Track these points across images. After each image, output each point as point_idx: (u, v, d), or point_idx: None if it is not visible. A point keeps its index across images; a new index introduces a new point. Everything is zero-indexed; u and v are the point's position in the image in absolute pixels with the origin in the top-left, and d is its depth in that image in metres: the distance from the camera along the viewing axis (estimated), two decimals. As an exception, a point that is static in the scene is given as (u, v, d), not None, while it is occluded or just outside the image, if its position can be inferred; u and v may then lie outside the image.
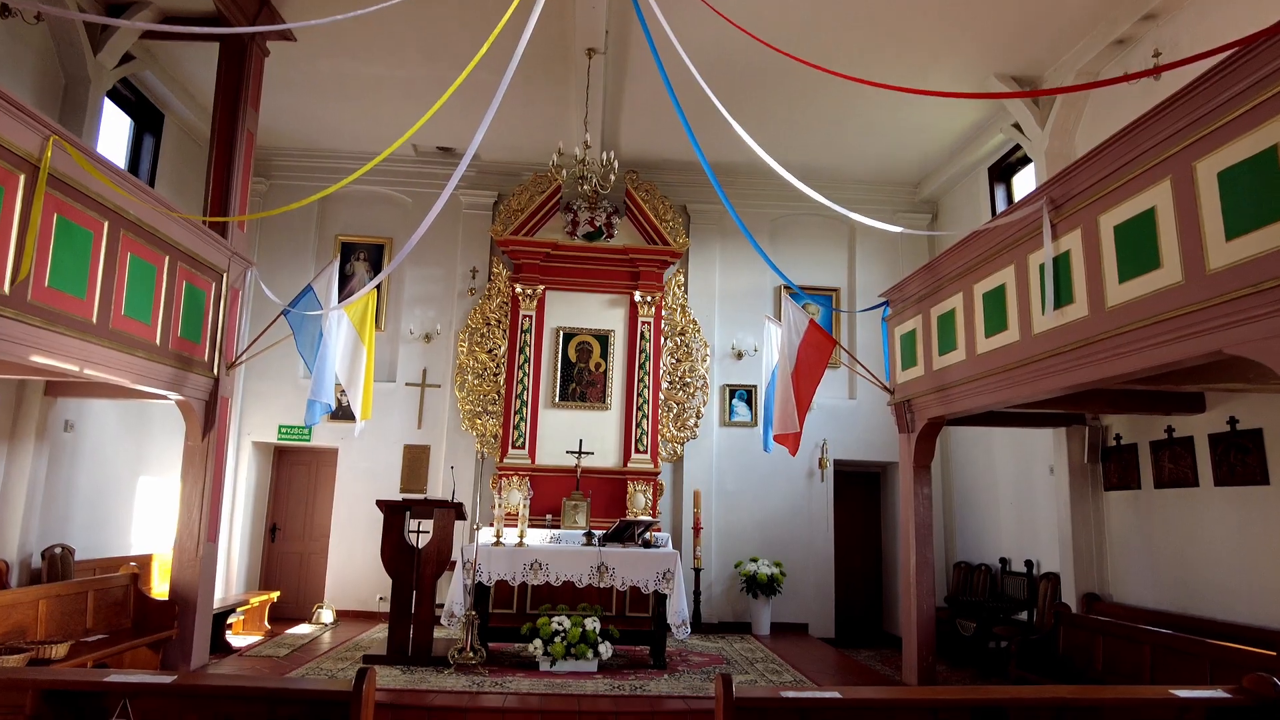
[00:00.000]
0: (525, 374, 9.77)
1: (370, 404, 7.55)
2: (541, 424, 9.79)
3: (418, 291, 10.37)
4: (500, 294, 10.15)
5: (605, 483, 9.63)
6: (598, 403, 9.90)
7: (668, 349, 10.20)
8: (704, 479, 10.01)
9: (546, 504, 9.46)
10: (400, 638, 6.96)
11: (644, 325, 10.02)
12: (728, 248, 10.74)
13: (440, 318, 10.27)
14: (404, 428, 10.07)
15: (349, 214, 10.64)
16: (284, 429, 10.01)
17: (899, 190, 11.07)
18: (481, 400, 9.89)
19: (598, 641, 6.80)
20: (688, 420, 10.06)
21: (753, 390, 10.35)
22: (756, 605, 9.51)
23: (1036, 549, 8.41)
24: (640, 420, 9.75)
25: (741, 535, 10.00)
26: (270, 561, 10.37)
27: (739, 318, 10.56)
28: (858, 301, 10.76)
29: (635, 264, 10.08)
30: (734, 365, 10.43)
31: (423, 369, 10.16)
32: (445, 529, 7.20)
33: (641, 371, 9.88)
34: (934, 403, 6.77)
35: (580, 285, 10.13)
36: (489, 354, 10.01)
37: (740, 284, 10.67)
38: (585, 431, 9.70)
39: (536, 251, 9.96)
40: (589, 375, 9.98)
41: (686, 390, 10.12)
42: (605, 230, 10.17)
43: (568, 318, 10.10)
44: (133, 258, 5.60)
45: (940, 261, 6.66)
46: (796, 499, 10.20)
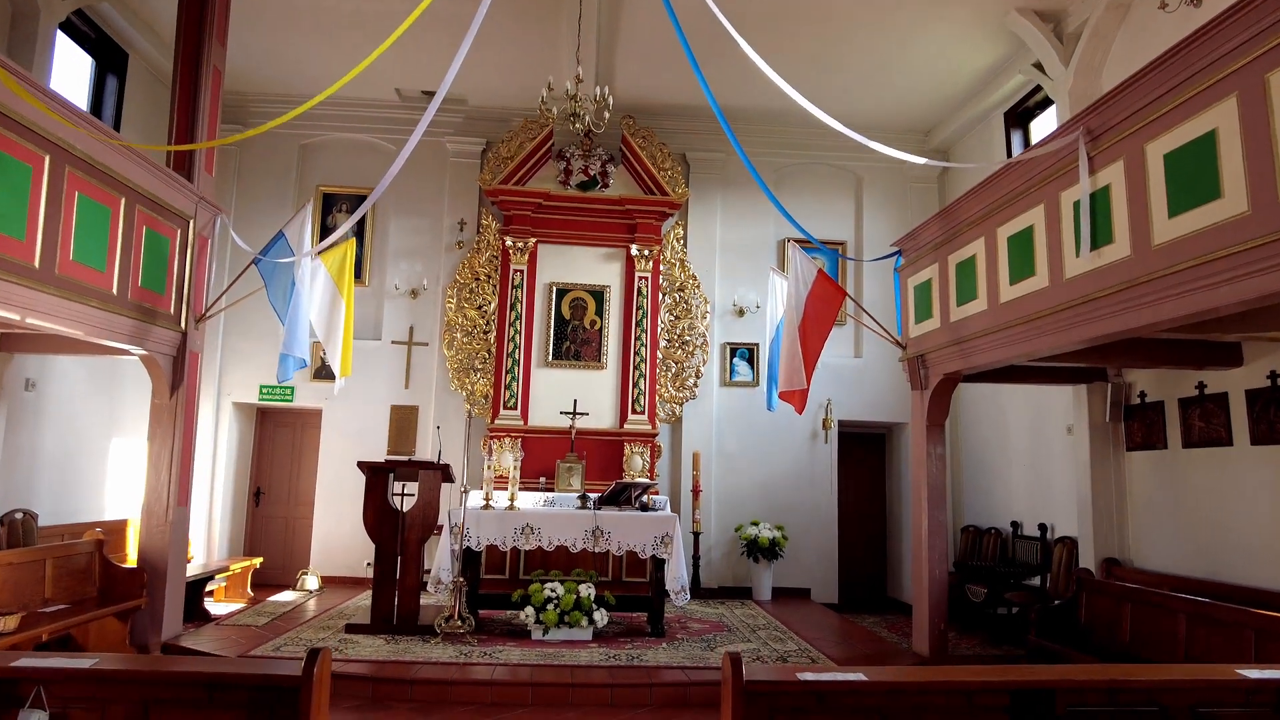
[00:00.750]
0: (517, 331, 9.33)
1: (350, 361, 7.11)
2: (534, 384, 9.37)
3: (403, 244, 9.87)
4: (490, 247, 9.66)
5: (601, 445, 9.24)
6: (593, 362, 9.47)
7: (666, 305, 9.74)
8: (704, 440, 9.63)
9: (540, 466, 9.08)
10: (385, 606, 6.62)
11: (641, 280, 9.55)
12: (729, 198, 10.23)
13: (427, 272, 9.79)
14: (390, 387, 9.65)
15: (330, 163, 10.09)
16: (265, 389, 9.59)
17: (908, 138, 10.51)
18: (471, 359, 9.46)
19: (592, 609, 6.46)
20: (687, 380, 9.65)
21: (754, 349, 9.92)
22: (757, 570, 9.19)
23: (1051, 512, 8.06)
24: (637, 380, 9.34)
25: (742, 498, 9.65)
26: (254, 526, 10.03)
27: (741, 272, 10.09)
28: (865, 251, 10.28)
29: (632, 215, 9.58)
30: (735, 322, 9.99)
31: (409, 326, 9.71)
32: (431, 492, 6.81)
33: (639, 329, 9.44)
34: (950, 357, 6.35)
35: (574, 238, 9.64)
36: (479, 310, 9.55)
37: (742, 237, 10.18)
38: (580, 391, 9.29)
39: (527, 202, 9.45)
40: (584, 333, 9.54)
41: (685, 349, 9.69)
42: (600, 179, 9.65)
43: (561, 272, 9.63)
44: (82, 198, 5.11)
45: (959, 205, 6.19)
46: (799, 461, 9.84)
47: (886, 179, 10.55)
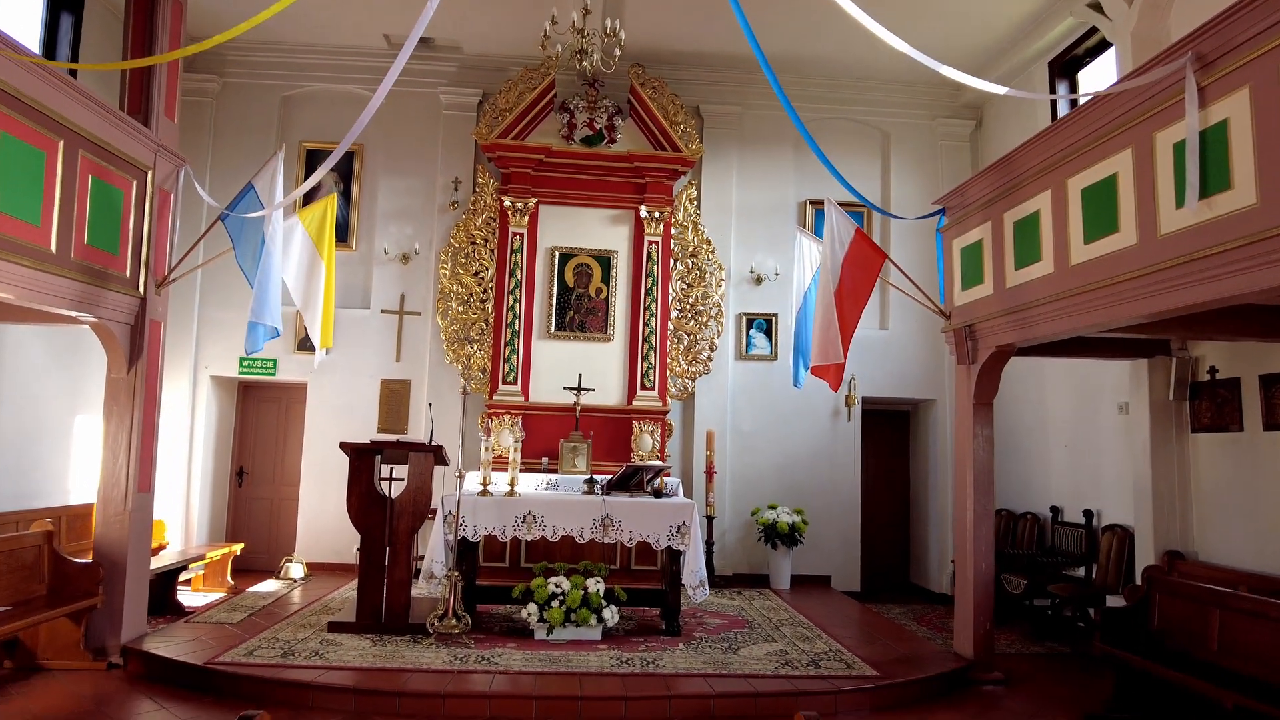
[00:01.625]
0: (516, 300, 8.61)
1: (331, 331, 6.41)
2: (536, 357, 8.67)
3: (393, 205, 9.11)
4: (487, 208, 8.90)
5: (608, 423, 8.57)
6: (599, 333, 8.76)
7: (678, 273, 9.01)
8: (718, 418, 8.95)
9: (542, 446, 8.42)
10: (372, 602, 5.98)
11: (651, 245, 8.81)
12: (747, 156, 9.45)
13: (419, 235, 9.04)
14: (381, 360, 8.94)
15: (315, 118, 9.30)
16: (245, 362, 8.88)
17: (937, 93, 9.71)
18: (467, 329, 8.75)
19: (601, 606, 5.82)
20: (700, 353, 8.95)
21: (773, 319, 9.21)
22: (776, 557, 8.57)
23: (1098, 497, 7.41)
24: (647, 353, 8.64)
25: (759, 480, 9.00)
26: (237, 509, 9.39)
27: (758, 237, 9.34)
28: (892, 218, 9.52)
29: (641, 173, 8.81)
30: (752, 291, 9.26)
31: (400, 294, 8.98)
32: (423, 476, 6.15)
33: (648, 298, 8.72)
34: (1005, 327, 5.65)
35: (578, 198, 8.88)
36: (475, 277, 8.82)
37: (760, 198, 9.42)
38: (585, 365, 8.60)
39: (528, 158, 8.67)
40: (589, 302, 8.82)
41: (699, 319, 8.98)
42: (606, 134, 8.87)
43: (564, 236, 8.88)
44: (5, 136, 4.37)
45: (1019, 155, 5.44)
46: (820, 440, 9.17)
47: (916, 136, 9.77)
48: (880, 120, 9.76)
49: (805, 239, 6.89)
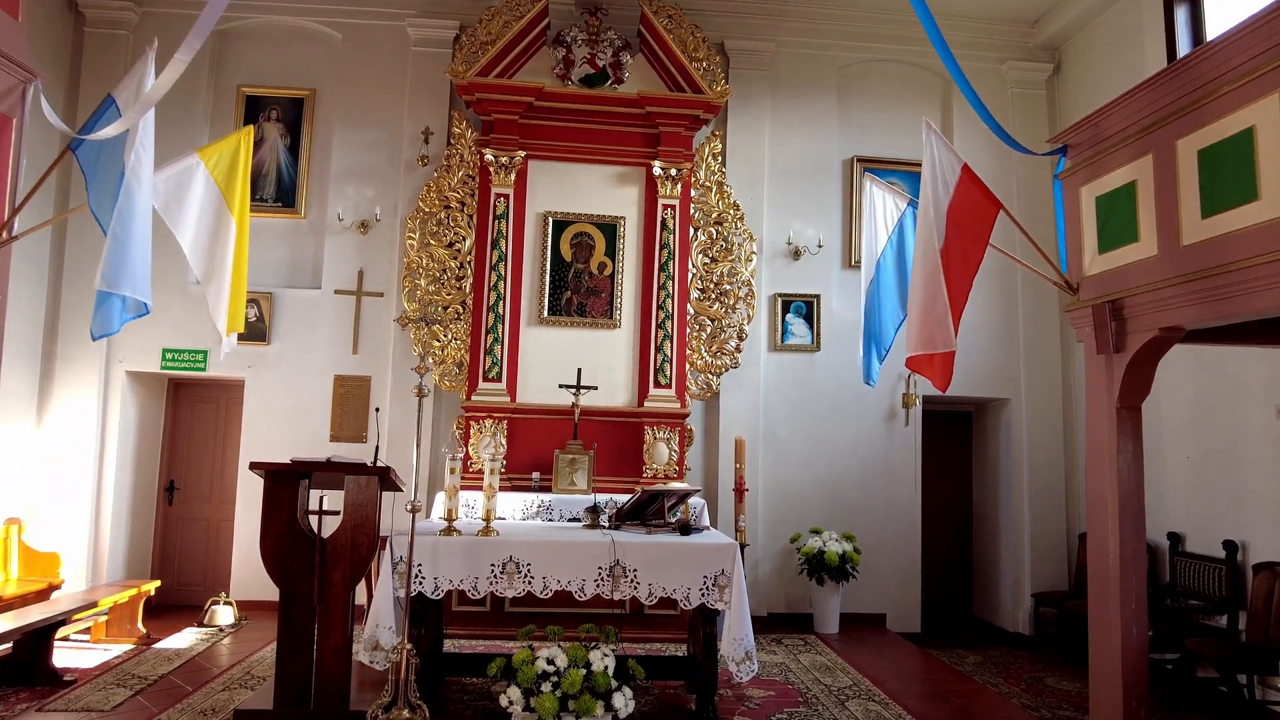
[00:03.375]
0: (500, 277, 6.96)
1: (242, 311, 4.77)
2: (524, 347, 7.03)
3: (350, 162, 7.44)
4: (464, 164, 7.24)
5: (614, 428, 6.94)
6: (602, 318, 7.12)
7: (699, 244, 7.36)
8: (748, 423, 7.31)
9: (532, 457, 6.78)
10: (294, 680, 4.36)
11: (666, 210, 7.16)
12: (782, 105, 7.80)
13: (382, 198, 7.37)
14: (334, 352, 7.29)
15: (256, 57, 7.63)
16: (169, 354, 7.23)
17: (1007, 30, 8.08)
18: (437, 314, 7.10)
19: (611, 689, 4.19)
20: (726, 343, 7.30)
21: (813, 302, 7.56)
22: (821, 594, 6.94)
23: (1243, 525, 5.79)
24: (662, 343, 7.00)
25: (798, 497, 7.38)
26: (166, 531, 7.74)
27: (795, 202, 7.70)
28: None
29: (654, 121, 7.16)
30: (789, 267, 7.61)
31: (358, 270, 7.32)
32: (365, 507, 4.51)
33: (663, 275, 7.07)
34: (1179, 300, 4.00)
35: (577, 152, 7.22)
36: (449, 249, 7.17)
37: (798, 155, 7.77)
38: (586, 358, 6.96)
39: (514, 101, 7.01)
40: (590, 280, 7.17)
41: (724, 301, 7.33)
42: (611, 73, 7.21)
43: (560, 199, 7.23)
44: None
45: (1205, 59, 3.80)
46: (872, 448, 7.54)
47: (982, 82, 8.09)
48: (939, 64, 8.08)
49: (877, 189, 5.25)
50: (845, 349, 7.56)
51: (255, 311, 7.22)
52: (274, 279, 7.39)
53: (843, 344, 7.55)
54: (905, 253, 5.08)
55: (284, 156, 7.53)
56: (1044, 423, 7.68)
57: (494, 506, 4.56)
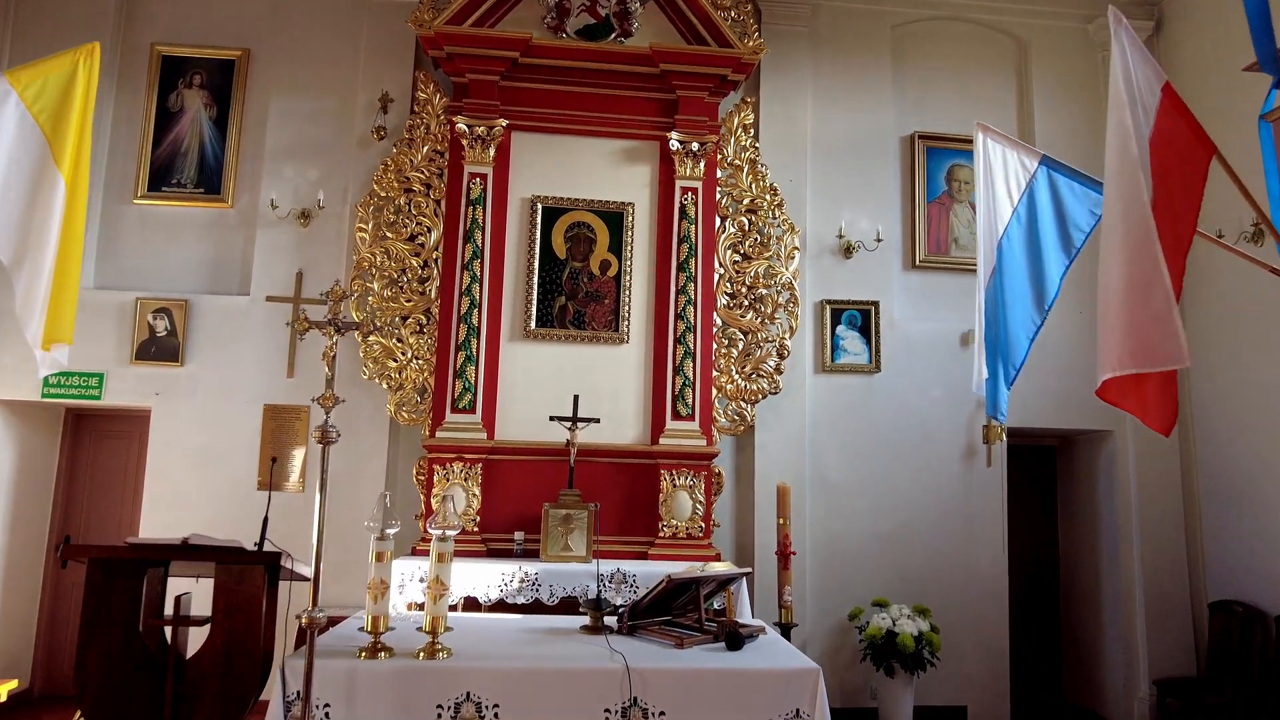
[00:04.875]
0: (475, 279, 5.43)
1: (72, 312, 3.25)
2: (506, 369, 5.49)
3: (290, 137, 5.94)
4: (431, 138, 5.74)
5: (621, 473, 5.38)
6: (605, 331, 5.59)
7: (728, 237, 5.85)
8: (791, 464, 5.75)
9: (514, 512, 5.22)
10: None
11: (686, 195, 5.66)
12: (825, 70, 6.33)
13: (328, 181, 5.86)
14: (265, 375, 5.74)
15: (177, 9, 6.15)
16: (53, 378, 5.67)
17: (1099, -16, 6.65)
18: (396, 326, 5.56)
19: None
20: (763, 362, 5.75)
21: (870, 310, 6.03)
22: (891, 687, 5.34)
23: None
24: (681, 362, 5.46)
25: (855, 560, 5.80)
26: (54, 600, 6.13)
27: (846, 186, 6.20)
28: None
29: (671, 83, 5.68)
30: (839, 267, 6.09)
31: (297, 271, 5.79)
32: (244, 611, 2.94)
33: (683, 276, 5.55)
34: None
35: (573, 121, 5.73)
36: (410, 244, 5.65)
37: (847, 129, 6.29)
38: (585, 381, 5.43)
39: (494, 57, 5.53)
40: (590, 283, 5.65)
41: (760, 309, 5.80)
42: (617, 23, 5.74)
43: (551, 181, 5.72)
44: None
45: None
46: (946, 496, 5.98)
47: (1065, 46, 6.67)
48: (1013, 23, 6.66)
49: (994, 142, 3.78)
50: (910, 369, 6.04)
51: (165, 324, 5.69)
52: (191, 283, 5.87)
53: (907, 362, 6.03)
54: (1040, 230, 3.58)
55: (208, 131, 6.04)
56: (1158, 462, 6.13)
57: (443, 612, 2.97)
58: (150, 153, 5.96)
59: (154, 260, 5.87)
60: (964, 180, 6.40)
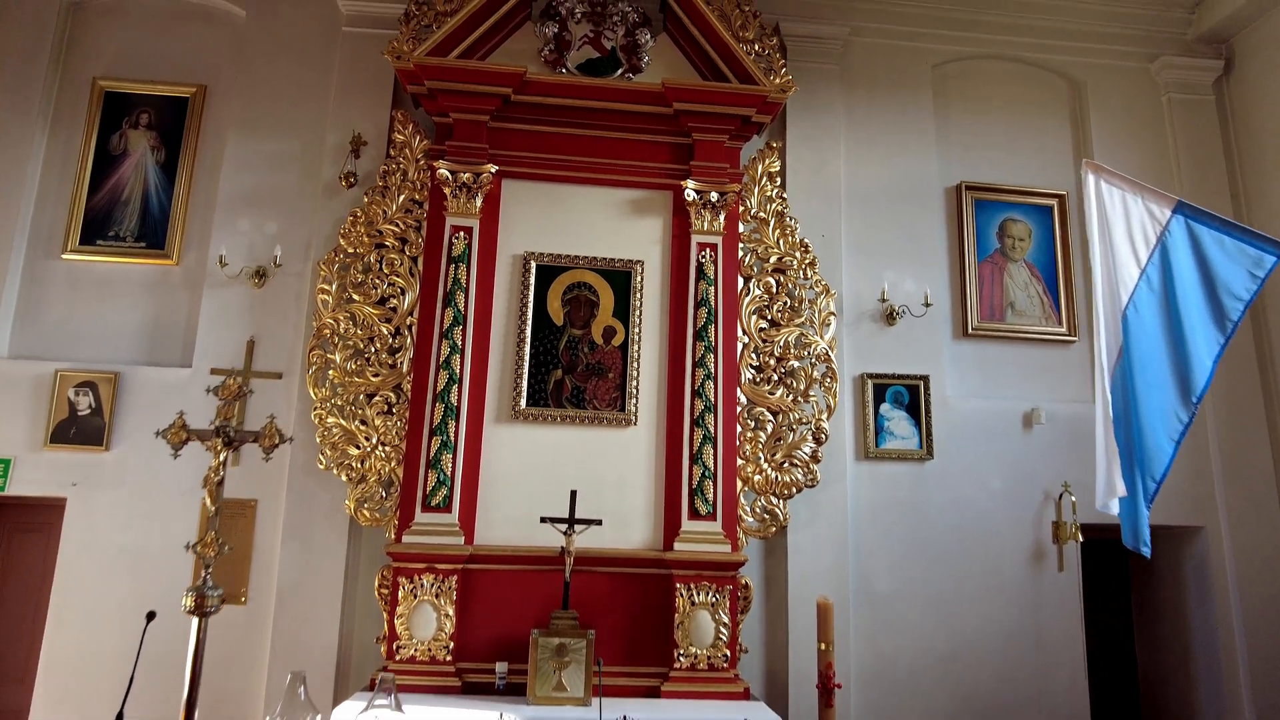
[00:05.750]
0: (455, 349, 4.57)
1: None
2: (490, 457, 4.59)
3: (247, 184, 5.15)
4: (409, 185, 4.95)
5: (627, 586, 4.44)
6: (610, 411, 4.71)
7: (753, 301, 5.01)
8: (831, 572, 4.81)
9: (496, 636, 4.27)
10: None
11: (704, 252, 4.85)
12: (859, 109, 5.60)
13: (288, 235, 5.05)
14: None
15: (126, 41, 5.44)
16: (-54, 464, 4.79)
17: (1158, 20, 6.00)
18: (361, 406, 4.68)
19: None
20: (796, 448, 4.85)
21: (919, 386, 5.16)
22: None
23: None
24: (700, 449, 4.56)
25: (908, 687, 4.82)
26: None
27: (886, 243, 5.41)
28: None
29: (685, 124, 4.92)
30: (881, 335, 5.25)
31: (247, 340, 4.94)
32: None
33: (701, 346, 4.70)
34: None
35: (573, 168, 4.95)
36: (380, 307, 4.80)
37: (885, 178, 5.53)
38: (585, 473, 4.53)
39: (484, 93, 4.77)
40: (591, 354, 4.80)
41: (792, 385, 4.92)
42: (624, 57, 5.02)
43: (547, 235, 4.92)
44: None
45: None
46: (1014, 605, 5.03)
47: (1125, 86, 5.97)
48: (1066, 62, 5.97)
49: (1112, 186, 3.06)
50: (966, 454, 5.16)
51: (89, 400, 4.82)
52: (123, 351, 5.01)
53: (963, 447, 5.16)
54: (1179, 298, 2.77)
55: (154, 177, 5.26)
56: (1263, 564, 5.21)
57: None
58: (85, 200, 5.17)
59: (82, 325, 5.02)
60: (1018, 237, 5.62)
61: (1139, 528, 2.82)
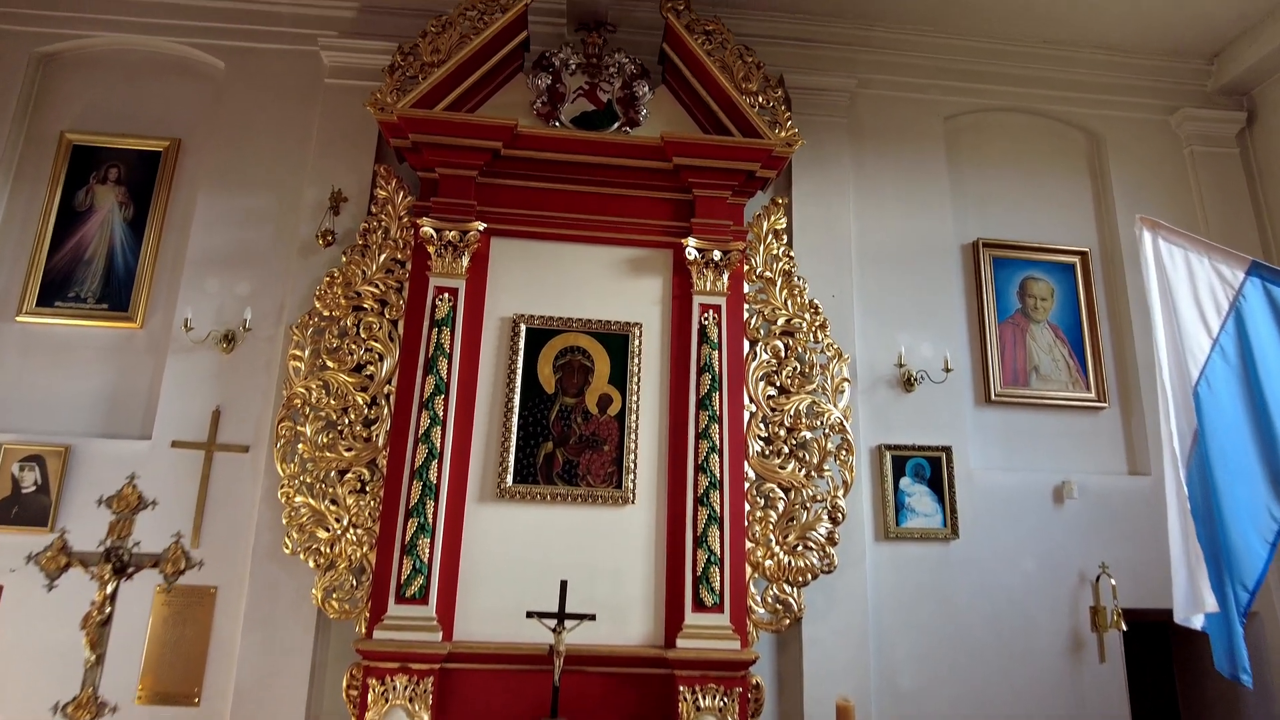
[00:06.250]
0: (436, 421, 4.18)
1: None
2: (471, 541, 4.16)
3: (218, 242, 4.83)
4: (390, 244, 4.63)
5: (623, 688, 3.97)
6: (605, 488, 4.30)
7: (760, 366, 4.64)
8: (850, 668, 4.34)
9: (477, 748, 3.78)
10: None
11: (707, 314, 4.50)
12: (869, 163, 5.32)
13: (260, 297, 4.71)
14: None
15: (97, 93, 5.18)
16: (-118, 548, 4.34)
17: (1176, 71, 5.78)
18: (331, 484, 4.27)
19: None
20: (811, 528, 4.42)
21: (940, 458, 4.76)
22: None
23: None
24: (705, 531, 4.14)
25: (939, 798, 4.31)
26: None
27: (900, 304, 5.07)
28: (1127, 270, 5.31)
29: (686, 180, 4.62)
30: (898, 403, 4.87)
31: (213, 409, 4.55)
32: None
33: (704, 415, 4.31)
34: None
35: (566, 225, 4.64)
36: (356, 375, 4.43)
37: (898, 236, 5.22)
38: (576, 558, 4.11)
39: (472, 147, 4.49)
40: (584, 425, 4.41)
41: (803, 458, 4.52)
42: (621, 110, 4.75)
43: (538, 296, 4.58)
44: None
45: None
46: (1051, 701, 4.54)
47: (1145, 139, 5.72)
48: (1082, 115, 5.73)
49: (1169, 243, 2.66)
50: (995, 533, 4.74)
51: (35, 476, 4.42)
52: (78, 422, 4.62)
53: (990, 525, 4.74)
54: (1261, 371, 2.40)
55: (121, 234, 4.95)
56: (1322, 654, 4.74)
57: None
58: (45, 260, 4.84)
59: (34, 393, 4.64)
60: (1040, 297, 5.29)
61: (1234, 649, 2.39)
